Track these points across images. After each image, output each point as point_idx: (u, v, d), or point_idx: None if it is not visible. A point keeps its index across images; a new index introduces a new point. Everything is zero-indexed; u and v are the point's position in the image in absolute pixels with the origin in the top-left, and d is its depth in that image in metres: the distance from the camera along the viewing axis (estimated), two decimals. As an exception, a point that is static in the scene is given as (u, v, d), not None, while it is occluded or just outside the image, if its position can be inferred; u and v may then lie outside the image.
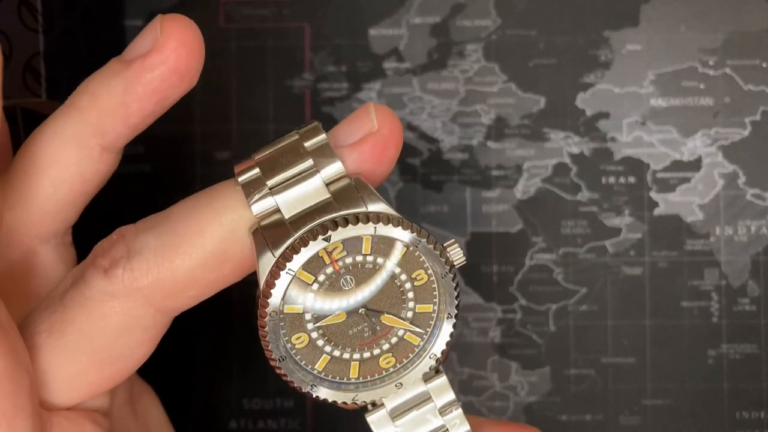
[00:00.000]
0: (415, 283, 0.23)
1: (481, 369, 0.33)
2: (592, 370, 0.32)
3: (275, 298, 0.22)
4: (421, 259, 0.22)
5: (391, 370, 0.23)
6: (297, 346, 0.22)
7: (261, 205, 0.22)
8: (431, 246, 0.22)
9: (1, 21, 0.28)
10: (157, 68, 0.22)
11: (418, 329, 0.23)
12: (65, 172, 0.23)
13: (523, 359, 0.33)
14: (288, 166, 0.22)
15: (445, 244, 0.22)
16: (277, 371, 0.23)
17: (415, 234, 0.22)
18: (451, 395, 0.24)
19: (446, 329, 0.23)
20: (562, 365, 0.32)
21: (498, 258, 0.33)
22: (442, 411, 0.24)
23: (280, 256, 0.21)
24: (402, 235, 0.22)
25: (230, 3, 0.33)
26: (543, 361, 0.33)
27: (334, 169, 0.22)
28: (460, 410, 0.24)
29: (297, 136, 0.22)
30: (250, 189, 0.22)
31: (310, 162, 0.22)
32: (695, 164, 0.32)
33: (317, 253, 0.22)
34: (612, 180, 0.32)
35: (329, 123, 0.33)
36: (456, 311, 0.23)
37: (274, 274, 0.21)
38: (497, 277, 0.33)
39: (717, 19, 0.32)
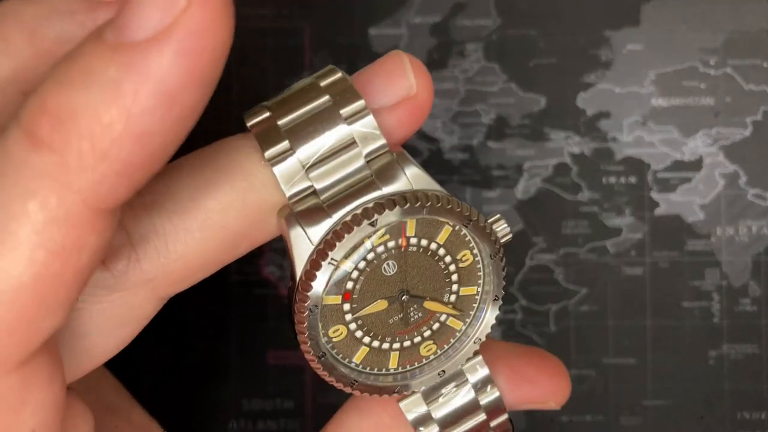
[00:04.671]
0: (460, 265, 0.21)
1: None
2: (593, 370, 0.32)
3: (316, 291, 0.20)
4: (467, 239, 0.21)
5: (432, 357, 0.22)
6: (334, 340, 0.21)
7: (296, 188, 0.19)
8: (482, 225, 0.20)
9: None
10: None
11: (461, 313, 0.21)
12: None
13: (524, 360, 0.33)
14: (319, 132, 0.20)
15: (489, 220, 0.21)
16: (317, 370, 0.21)
17: (467, 214, 0.20)
18: (485, 370, 0.23)
19: (491, 313, 0.22)
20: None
21: (498, 258, 0.33)
22: (476, 387, 0.23)
23: (321, 243, 0.19)
24: (451, 216, 0.20)
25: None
26: (543, 362, 0.33)
27: (376, 144, 0.20)
28: (487, 371, 0.23)
29: (330, 101, 0.20)
30: (279, 162, 0.19)
31: (346, 131, 0.20)
32: (696, 164, 0.32)
33: (361, 239, 0.20)
34: (613, 180, 0.32)
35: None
36: (503, 293, 0.21)
37: (314, 264, 0.19)
38: (497, 278, 0.33)
39: (718, 18, 0.32)
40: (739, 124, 0.32)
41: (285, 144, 0.20)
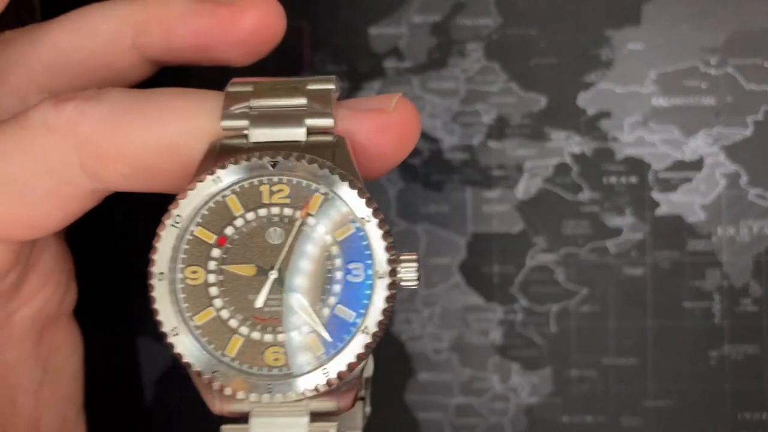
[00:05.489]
0: (348, 277, 0.19)
1: (481, 370, 0.33)
2: (594, 371, 0.32)
3: (188, 203, 0.19)
4: (366, 252, 0.19)
5: (275, 371, 0.20)
6: (187, 281, 0.20)
7: (232, 122, 0.20)
8: (381, 232, 0.19)
9: None
10: (239, 25, 0.22)
11: (327, 335, 0.19)
12: (88, 39, 0.22)
13: (524, 360, 0.32)
14: (280, 96, 0.20)
15: (401, 256, 0.19)
16: (150, 290, 0.20)
17: (370, 210, 0.19)
18: None
19: (357, 344, 0.19)
20: (564, 366, 0.32)
21: (499, 258, 0.33)
22: None
23: (218, 164, 0.19)
24: (356, 205, 0.19)
25: (229, 2, 0.33)
26: (544, 362, 0.32)
27: (322, 119, 0.20)
28: None
29: (304, 83, 0.21)
30: (232, 100, 0.20)
31: (302, 101, 0.20)
32: (697, 164, 0.32)
33: (258, 186, 0.19)
34: (613, 180, 0.32)
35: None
36: (376, 329, 0.19)
37: (201, 178, 0.19)
38: (498, 278, 0.32)
39: (719, 18, 0.32)
40: (740, 123, 0.32)
41: (249, 87, 0.21)
